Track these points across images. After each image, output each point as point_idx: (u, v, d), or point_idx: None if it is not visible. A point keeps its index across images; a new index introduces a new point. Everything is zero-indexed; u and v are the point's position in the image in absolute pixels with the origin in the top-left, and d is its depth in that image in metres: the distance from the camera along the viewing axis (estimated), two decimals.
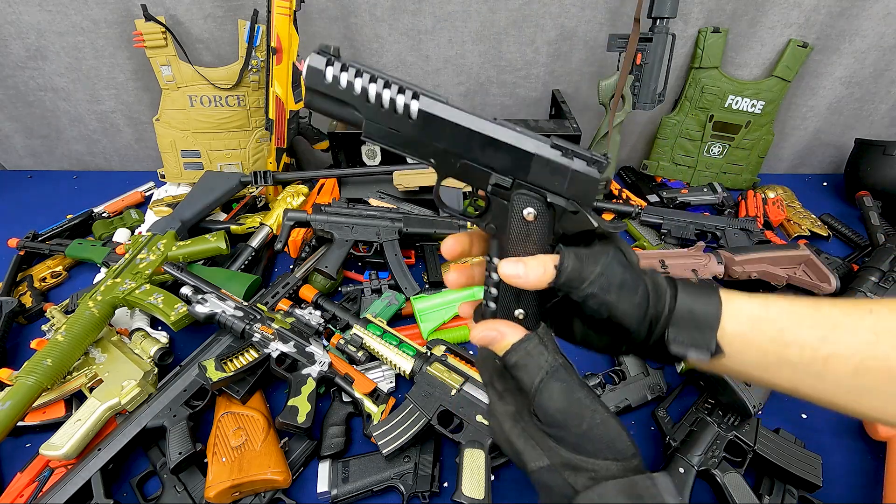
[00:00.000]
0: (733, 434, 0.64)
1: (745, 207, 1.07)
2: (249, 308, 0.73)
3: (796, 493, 0.61)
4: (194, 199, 0.95)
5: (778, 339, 0.29)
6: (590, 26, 1.02)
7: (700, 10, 1.00)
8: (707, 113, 1.09)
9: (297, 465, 0.64)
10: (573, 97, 1.13)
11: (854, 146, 1.12)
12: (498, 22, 1.02)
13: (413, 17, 1.01)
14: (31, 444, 0.67)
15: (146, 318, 0.82)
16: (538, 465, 0.30)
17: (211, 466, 0.60)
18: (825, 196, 1.19)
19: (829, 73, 1.06)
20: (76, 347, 0.67)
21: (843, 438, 0.68)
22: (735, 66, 1.06)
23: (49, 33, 1.00)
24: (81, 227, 1.02)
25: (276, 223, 0.95)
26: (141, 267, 0.79)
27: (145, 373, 0.68)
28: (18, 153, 1.24)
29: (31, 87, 1.10)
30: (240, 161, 1.07)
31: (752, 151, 1.13)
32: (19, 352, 0.79)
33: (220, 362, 0.66)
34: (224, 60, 1.03)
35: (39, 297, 0.85)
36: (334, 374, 0.70)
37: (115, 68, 1.06)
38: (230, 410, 0.66)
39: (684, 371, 0.74)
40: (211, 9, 0.97)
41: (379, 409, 0.67)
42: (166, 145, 1.05)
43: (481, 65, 1.09)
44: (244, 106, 1.02)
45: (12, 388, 0.62)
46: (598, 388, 0.70)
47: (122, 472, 0.65)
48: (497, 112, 1.17)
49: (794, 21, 0.99)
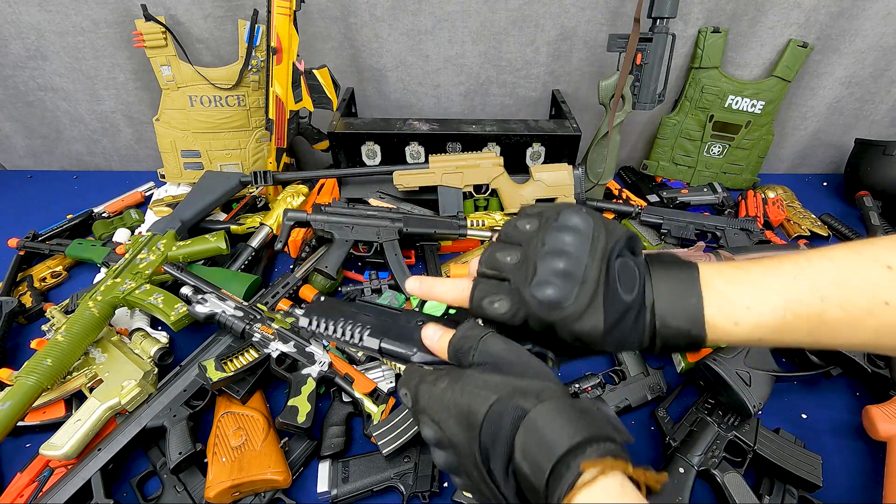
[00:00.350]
0: (733, 434, 0.64)
1: (745, 207, 1.07)
2: (249, 308, 0.73)
3: (796, 493, 0.61)
4: (194, 199, 0.95)
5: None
6: (590, 26, 1.02)
7: (700, 10, 1.00)
8: (707, 113, 1.09)
9: (297, 465, 0.64)
10: (573, 97, 1.13)
11: (854, 146, 1.12)
12: (498, 22, 1.02)
13: (413, 17, 1.01)
14: (31, 444, 0.67)
15: (146, 318, 0.82)
16: (490, 401, 0.30)
17: (211, 466, 0.60)
18: (825, 196, 1.19)
19: (829, 73, 1.06)
20: (76, 347, 0.67)
21: (843, 438, 0.68)
22: (735, 66, 1.06)
23: (49, 33, 1.00)
24: (81, 227, 1.02)
25: (276, 223, 0.95)
26: (141, 267, 0.79)
27: (145, 373, 0.68)
28: (18, 153, 1.24)
29: (31, 87, 1.10)
30: (240, 161, 1.07)
31: (752, 151, 1.13)
32: (19, 352, 0.79)
33: (220, 362, 0.66)
34: (224, 60, 1.03)
35: (39, 297, 0.85)
36: (334, 374, 0.70)
37: (115, 68, 1.06)
38: (230, 410, 0.66)
39: (684, 371, 0.74)
40: (211, 9, 0.97)
41: (379, 409, 0.67)
42: (166, 145, 1.05)
43: (481, 65, 1.09)
44: (244, 106, 1.02)
45: (12, 388, 0.61)
46: (598, 388, 0.70)
47: (122, 472, 0.65)
48: (497, 112, 1.17)
49: (794, 21, 0.99)
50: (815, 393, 0.74)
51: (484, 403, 0.30)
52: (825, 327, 0.31)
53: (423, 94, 1.14)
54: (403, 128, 1.00)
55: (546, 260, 0.33)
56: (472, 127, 1.01)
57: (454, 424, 0.31)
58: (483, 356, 0.33)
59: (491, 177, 0.98)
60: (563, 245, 0.33)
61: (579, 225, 0.34)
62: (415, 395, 0.34)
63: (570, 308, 0.32)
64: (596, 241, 0.33)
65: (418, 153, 1.02)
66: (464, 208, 0.98)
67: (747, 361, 0.67)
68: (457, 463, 0.32)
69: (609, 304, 0.32)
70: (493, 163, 0.97)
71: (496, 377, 0.32)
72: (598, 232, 0.34)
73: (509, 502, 0.30)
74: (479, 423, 0.30)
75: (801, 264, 0.32)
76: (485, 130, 1.00)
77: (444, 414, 0.32)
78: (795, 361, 0.75)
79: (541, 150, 1.01)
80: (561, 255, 0.33)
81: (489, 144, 1.00)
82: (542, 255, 0.33)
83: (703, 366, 0.68)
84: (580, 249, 0.33)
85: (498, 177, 0.98)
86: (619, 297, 0.32)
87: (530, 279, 0.33)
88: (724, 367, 0.65)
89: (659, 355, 0.35)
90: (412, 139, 1.00)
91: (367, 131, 1.00)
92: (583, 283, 0.32)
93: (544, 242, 0.34)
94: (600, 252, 0.33)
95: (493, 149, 1.00)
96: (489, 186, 0.99)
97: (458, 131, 1.00)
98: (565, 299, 0.32)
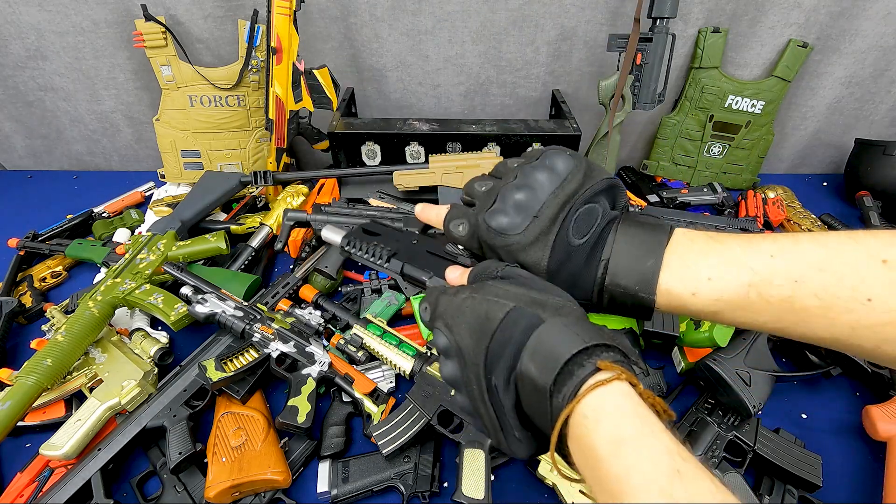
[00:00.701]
0: (733, 434, 0.64)
1: (745, 207, 1.07)
2: (249, 308, 0.73)
3: (796, 493, 0.61)
4: (194, 199, 0.95)
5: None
6: (590, 26, 1.02)
7: (700, 10, 1.00)
8: (707, 113, 1.09)
9: (297, 465, 0.64)
10: (573, 97, 1.13)
11: (854, 146, 1.12)
12: (498, 22, 1.02)
13: (413, 17, 1.01)
14: (31, 444, 0.67)
15: (146, 318, 0.82)
16: (507, 308, 0.30)
17: (211, 466, 0.60)
18: (825, 196, 1.19)
19: (829, 73, 1.06)
20: (76, 347, 0.67)
21: (843, 438, 0.68)
22: (735, 66, 1.06)
23: (49, 33, 1.00)
24: (81, 227, 1.02)
25: (276, 223, 0.95)
26: (141, 267, 0.79)
27: (145, 373, 0.68)
28: (18, 153, 1.24)
29: (31, 87, 1.10)
30: (240, 161, 1.07)
31: (752, 151, 1.13)
32: (19, 352, 0.79)
33: (220, 362, 0.66)
34: (224, 60, 1.03)
35: (39, 297, 0.85)
36: (334, 374, 0.70)
37: (115, 68, 1.06)
38: (230, 410, 0.66)
39: (684, 371, 0.74)
40: (211, 9, 0.97)
41: (379, 409, 0.67)
42: (166, 145, 1.05)
43: (481, 65, 1.09)
44: (244, 106, 1.02)
45: (12, 388, 0.61)
46: None
47: (122, 472, 0.65)
48: (497, 112, 1.17)
49: (794, 21, 0.99)
50: (815, 393, 0.74)
51: (502, 309, 0.30)
52: (794, 315, 0.29)
53: (423, 94, 1.14)
54: (403, 128, 1.00)
55: (508, 191, 0.35)
56: (472, 127, 1.01)
57: (465, 330, 0.31)
58: (507, 273, 0.34)
59: None
60: (532, 180, 0.34)
61: (557, 165, 0.35)
62: (434, 303, 0.34)
63: (514, 237, 0.33)
64: (567, 182, 0.34)
65: (418, 153, 1.02)
66: None
67: (747, 361, 0.67)
68: (460, 375, 0.31)
69: (557, 245, 0.33)
70: (492, 163, 0.96)
71: (519, 288, 0.32)
72: (573, 175, 0.34)
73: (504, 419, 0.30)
74: (493, 329, 0.30)
75: (783, 244, 0.30)
76: (485, 130, 1.00)
77: (459, 319, 0.32)
78: (795, 361, 0.75)
79: None
80: (522, 189, 0.34)
81: (489, 144, 1.00)
82: (507, 187, 0.35)
83: (703, 366, 0.68)
84: (545, 187, 0.34)
85: None
86: (566, 240, 0.33)
87: (489, 207, 0.35)
88: (724, 367, 0.65)
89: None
90: (412, 139, 1.00)
91: (367, 131, 1.00)
92: (535, 218, 0.33)
93: (516, 176, 0.35)
94: (566, 193, 0.34)
95: (493, 149, 1.00)
96: None
97: (458, 131, 1.00)
98: (512, 228, 0.33)
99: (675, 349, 0.76)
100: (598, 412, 0.25)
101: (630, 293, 0.32)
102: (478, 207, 0.36)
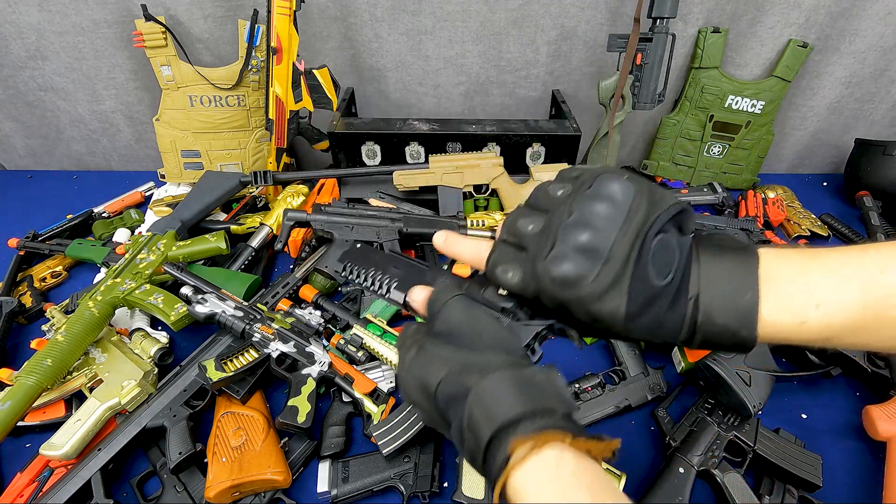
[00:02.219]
0: (733, 434, 0.64)
1: (745, 207, 1.07)
2: (249, 308, 0.73)
3: (796, 493, 0.61)
4: (194, 199, 0.95)
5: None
6: (590, 26, 1.02)
7: (700, 10, 1.00)
8: (707, 113, 1.09)
9: (297, 465, 0.64)
10: (573, 97, 1.13)
11: (854, 146, 1.12)
12: (498, 22, 1.02)
13: (413, 17, 1.01)
14: (31, 444, 0.67)
15: (146, 318, 0.82)
16: (439, 377, 0.30)
17: (211, 466, 0.60)
18: (825, 196, 1.19)
19: (829, 73, 1.06)
20: (76, 347, 0.67)
21: (843, 438, 0.68)
22: (735, 66, 1.06)
23: (49, 33, 1.00)
24: (81, 227, 1.02)
25: (276, 223, 0.95)
26: (141, 267, 0.79)
27: (145, 373, 0.68)
28: (18, 153, 1.24)
29: (31, 87, 1.10)
30: (240, 161, 1.07)
31: (752, 151, 1.13)
32: (19, 352, 0.79)
33: (220, 362, 0.66)
34: (224, 60, 1.03)
35: (39, 297, 0.85)
36: (334, 374, 0.70)
37: (115, 68, 1.06)
38: (230, 410, 0.66)
39: (684, 371, 0.74)
40: (211, 9, 0.97)
41: (379, 409, 0.67)
42: (166, 145, 1.05)
43: (481, 65, 1.09)
44: (244, 106, 1.02)
45: (12, 388, 0.61)
46: (598, 389, 0.70)
47: (122, 472, 0.65)
48: (497, 112, 1.17)
49: (794, 21, 0.99)
50: (815, 393, 0.74)
51: (435, 377, 0.31)
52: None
53: (423, 94, 1.14)
54: (403, 128, 1.00)
55: (568, 232, 0.29)
56: (472, 127, 1.01)
57: (416, 393, 0.32)
58: (441, 324, 0.34)
59: (491, 177, 0.98)
60: (592, 216, 0.29)
61: (616, 193, 0.29)
62: (399, 359, 0.35)
63: (587, 288, 0.28)
64: (633, 213, 0.29)
65: (418, 153, 1.02)
66: (464, 208, 0.98)
67: (747, 361, 0.67)
68: (430, 421, 0.33)
69: (635, 288, 0.28)
70: (493, 163, 0.97)
71: (447, 350, 0.32)
72: (637, 202, 0.29)
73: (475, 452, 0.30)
74: (433, 395, 0.31)
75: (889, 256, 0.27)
76: (485, 130, 1.00)
77: (411, 382, 0.33)
78: (795, 361, 0.75)
79: (541, 150, 1.01)
80: (586, 228, 0.29)
81: (489, 144, 1.00)
82: (564, 226, 0.29)
83: (703, 366, 0.68)
84: (610, 222, 0.29)
85: (498, 177, 0.98)
86: (648, 281, 0.28)
87: (547, 252, 0.30)
88: (724, 367, 0.65)
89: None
90: (412, 139, 1.00)
91: (367, 131, 1.00)
92: (607, 261, 0.28)
93: (571, 211, 0.30)
94: (635, 226, 0.28)
95: (493, 149, 1.01)
96: (489, 186, 0.99)
97: (458, 131, 1.00)
98: (583, 278, 0.28)
99: (675, 349, 0.76)
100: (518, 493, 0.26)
101: (730, 331, 0.29)
102: (532, 253, 0.31)
